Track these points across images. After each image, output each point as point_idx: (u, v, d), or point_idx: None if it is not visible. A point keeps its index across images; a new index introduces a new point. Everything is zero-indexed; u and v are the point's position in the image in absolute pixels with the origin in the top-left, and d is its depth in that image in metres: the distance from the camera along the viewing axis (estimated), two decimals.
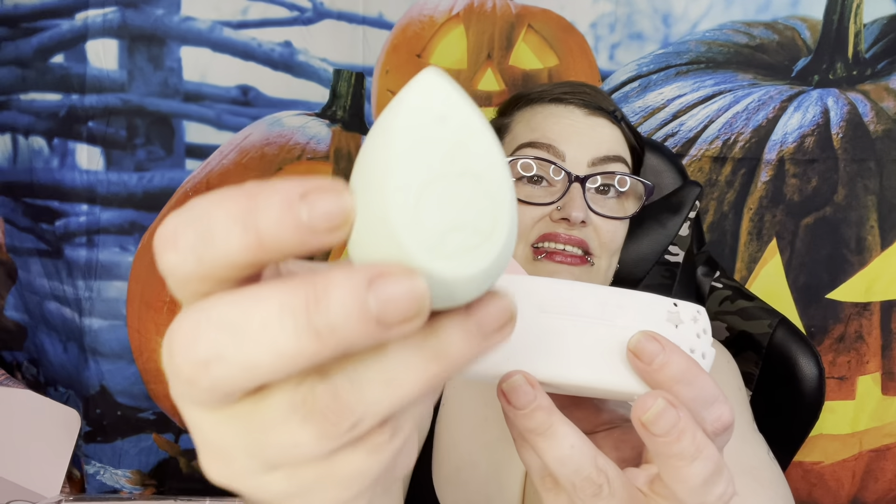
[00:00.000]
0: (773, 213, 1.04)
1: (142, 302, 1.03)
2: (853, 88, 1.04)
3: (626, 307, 0.28)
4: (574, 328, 0.28)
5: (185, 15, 1.00)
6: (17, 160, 1.04)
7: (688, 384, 0.26)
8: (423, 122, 0.18)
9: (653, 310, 0.28)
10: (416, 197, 0.18)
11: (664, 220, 0.90)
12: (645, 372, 0.27)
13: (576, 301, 0.28)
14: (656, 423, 0.25)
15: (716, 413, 0.27)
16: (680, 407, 0.25)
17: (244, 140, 1.02)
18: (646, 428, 0.25)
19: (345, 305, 0.17)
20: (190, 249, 0.18)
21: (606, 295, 0.28)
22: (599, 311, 0.28)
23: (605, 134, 0.69)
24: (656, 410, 0.25)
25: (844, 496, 1.07)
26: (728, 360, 0.73)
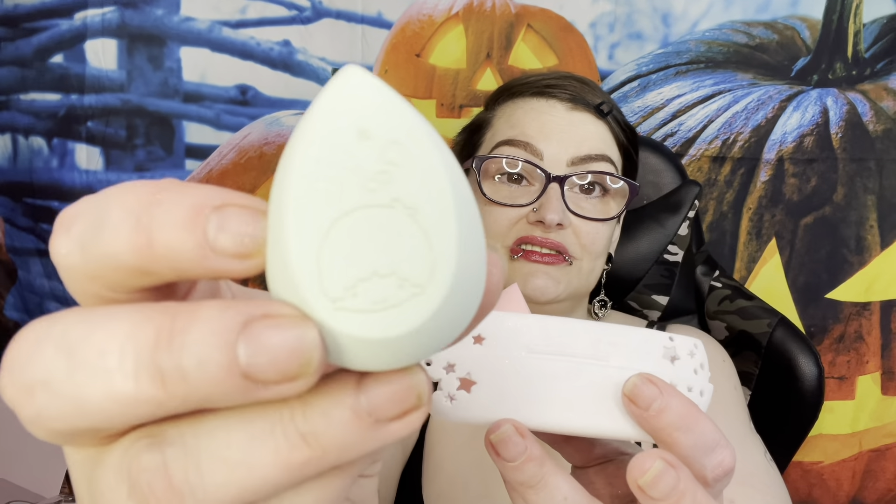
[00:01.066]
0: (773, 213, 1.03)
1: None
2: (852, 88, 1.04)
3: (621, 345, 0.26)
4: (565, 370, 0.26)
5: (184, 15, 1.00)
6: (17, 160, 1.04)
7: (687, 430, 0.25)
8: (338, 137, 0.14)
9: (649, 346, 0.27)
10: (322, 233, 0.14)
11: (663, 219, 0.89)
12: (642, 418, 0.25)
13: (567, 340, 0.26)
14: (655, 486, 0.24)
15: (717, 459, 0.26)
16: (679, 467, 0.24)
17: (243, 140, 1.02)
18: (643, 491, 0.24)
19: (204, 348, 0.13)
20: (78, 238, 0.15)
21: (599, 332, 0.27)
22: (592, 350, 0.26)
23: (587, 131, 0.65)
24: (654, 473, 0.23)
25: (844, 496, 1.07)
26: (724, 358, 0.72)
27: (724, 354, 0.73)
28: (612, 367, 0.26)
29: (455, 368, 0.26)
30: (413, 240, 0.14)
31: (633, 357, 0.27)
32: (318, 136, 0.14)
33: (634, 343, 0.27)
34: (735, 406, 0.65)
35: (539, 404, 0.26)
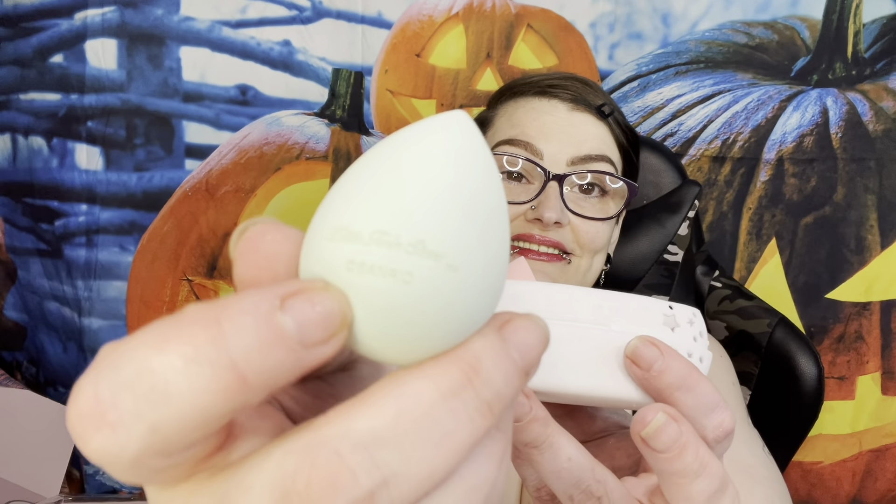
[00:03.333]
0: (773, 213, 1.03)
1: (141, 302, 1.03)
2: (852, 88, 1.04)
3: (622, 311, 0.27)
4: (569, 334, 0.26)
5: (184, 14, 1.00)
6: (17, 160, 1.04)
7: (688, 391, 0.25)
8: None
9: (649, 313, 0.27)
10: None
11: (663, 219, 0.89)
12: (643, 378, 0.26)
13: (570, 305, 0.27)
14: (657, 438, 0.24)
15: (717, 419, 0.26)
16: (681, 421, 0.24)
17: (243, 140, 1.02)
18: (646, 443, 0.24)
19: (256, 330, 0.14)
20: (134, 419, 0.13)
21: (601, 298, 0.27)
22: (594, 315, 0.27)
23: (587, 131, 0.66)
24: (656, 425, 0.24)
25: (844, 496, 1.07)
26: (721, 353, 0.72)
27: (722, 350, 0.73)
28: (613, 331, 0.26)
29: None
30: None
31: (634, 322, 0.27)
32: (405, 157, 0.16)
33: (635, 309, 0.27)
34: (733, 401, 0.66)
35: (543, 368, 0.26)
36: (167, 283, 1.02)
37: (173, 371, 0.13)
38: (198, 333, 0.14)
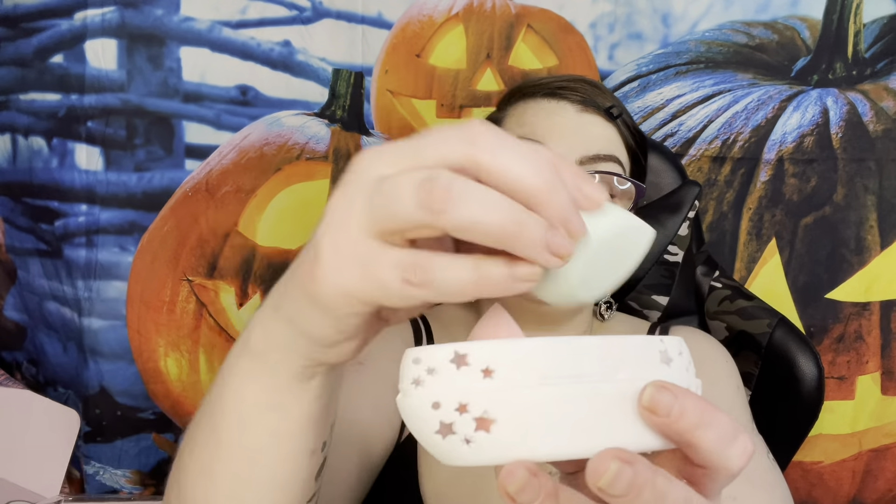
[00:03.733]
0: (773, 213, 1.04)
1: (141, 302, 1.03)
2: (852, 88, 1.04)
3: (624, 357, 0.26)
4: (581, 394, 0.25)
5: (184, 15, 1.00)
6: (17, 160, 1.04)
7: (708, 427, 0.25)
8: None
9: (647, 352, 0.27)
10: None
11: (663, 219, 0.89)
12: (663, 425, 0.25)
13: (576, 360, 0.26)
14: (613, 486, 0.24)
15: (740, 447, 0.26)
16: (635, 462, 0.24)
17: (243, 140, 1.02)
18: (604, 492, 0.24)
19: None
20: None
21: (604, 347, 0.26)
22: (599, 367, 0.26)
23: (596, 132, 0.66)
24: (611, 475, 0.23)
25: (844, 496, 1.07)
26: (727, 359, 0.72)
27: (727, 355, 0.73)
28: (622, 381, 0.26)
29: (468, 409, 0.25)
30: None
31: (637, 367, 0.26)
32: None
33: (635, 352, 0.27)
34: (738, 406, 0.66)
35: (562, 435, 0.25)
36: (167, 284, 1.02)
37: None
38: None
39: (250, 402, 0.35)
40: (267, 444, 0.36)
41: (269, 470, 0.37)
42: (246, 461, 0.37)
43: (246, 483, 0.38)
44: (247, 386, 0.35)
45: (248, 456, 0.37)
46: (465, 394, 0.25)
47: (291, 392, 0.34)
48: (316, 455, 0.38)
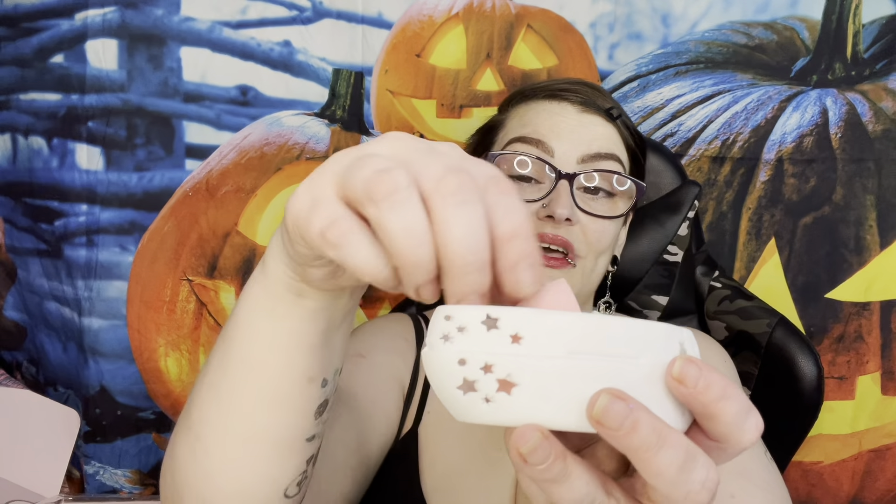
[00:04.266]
0: (772, 213, 1.04)
1: (142, 302, 1.03)
2: (852, 88, 1.04)
3: (650, 341, 0.27)
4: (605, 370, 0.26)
5: (184, 15, 1.00)
6: (17, 160, 1.04)
7: (729, 399, 0.27)
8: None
9: (670, 341, 0.28)
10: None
11: (663, 219, 0.90)
12: (690, 396, 0.27)
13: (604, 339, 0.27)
14: (606, 416, 0.25)
15: (754, 420, 0.28)
16: (628, 398, 0.25)
17: (243, 140, 1.02)
18: (600, 424, 0.25)
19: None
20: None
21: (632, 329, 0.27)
22: (626, 348, 0.27)
23: (597, 132, 0.67)
24: (602, 404, 0.25)
25: (844, 496, 1.07)
26: (725, 359, 0.73)
27: (725, 355, 0.73)
28: (645, 363, 0.27)
29: (493, 369, 0.26)
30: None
31: (660, 352, 0.27)
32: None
33: (659, 338, 0.28)
34: None
35: (580, 408, 0.26)
36: (167, 284, 1.02)
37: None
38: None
39: (251, 305, 0.39)
40: (263, 354, 0.39)
41: (265, 385, 0.39)
42: (245, 371, 0.39)
43: (245, 398, 0.40)
44: (251, 290, 0.39)
45: (246, 367, 0.39)
46: (492, 355, 0.26)
47: (284, 301, 0.37)
48: (314, 385, 0.40)
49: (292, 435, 0.41)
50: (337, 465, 0.55)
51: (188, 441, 0.42)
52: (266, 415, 0.40)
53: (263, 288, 0.38)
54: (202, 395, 0.42)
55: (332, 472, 0.55)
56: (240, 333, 0.39)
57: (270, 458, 0.41)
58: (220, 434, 0.41)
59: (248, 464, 0.41)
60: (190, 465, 0.42)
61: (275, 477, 0.42)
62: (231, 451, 0.41)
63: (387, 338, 0.69)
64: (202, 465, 0.42)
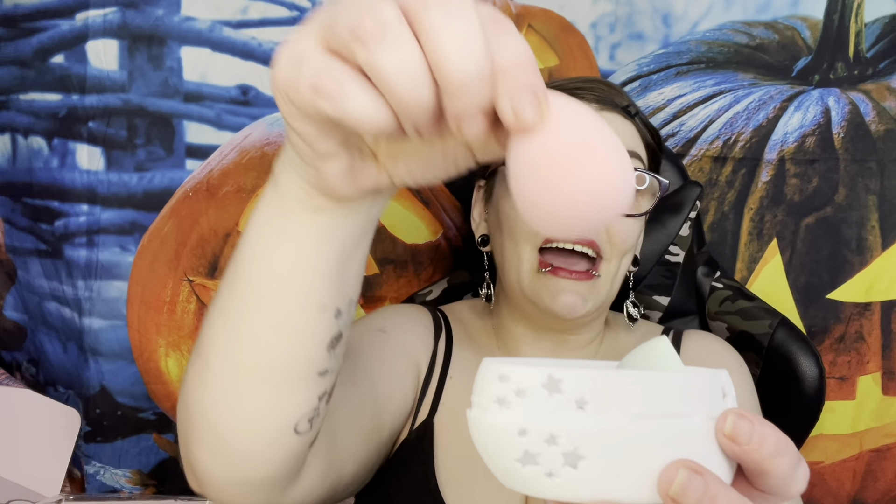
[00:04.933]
0: (774, 213, 1.03)
1: (142, 302, 1.03)
2: (854, 88, 1.04)
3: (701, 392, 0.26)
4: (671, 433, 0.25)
5: (185, 15, 0.99)
6: (17, 160, 1.04)
7: (783, 454, 0.26)
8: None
9: (713, 387, 0.27)
10: None
11: (665, 220, 0.89)
12: (743, 453, 0.26)
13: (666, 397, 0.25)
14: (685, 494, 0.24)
15: (803, 472, 0.27)
16: (704, 471, 0.24)
17: (244, 140, 1.02)
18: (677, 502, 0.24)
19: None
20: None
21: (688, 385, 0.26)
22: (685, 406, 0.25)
23: (617, 130, 0.64)
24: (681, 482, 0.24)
25: (845, 496, 1.07)
26: (741, 363, 0.72)
27: (740, 360, 0.73)
28: (699, 420, 0.26)
29: (558, 441, 0.24)
30: None
31: (711, 405, 0.26)
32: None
33: (707, 388, 0.26)
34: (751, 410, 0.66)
35: (648, 479, 0.24)
36: (168, 284, 1.02)
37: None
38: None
39: (261, 226, 0.37)
40: (273, 278, 0.38)
41: (275, 311, 0.38)
42: (254, 296, 0.39)
43: (254, 325, 0.39)
44: (261, 210, 0.37)
45: (255, 292, 0.38)
46: (558, 426, 0.24)
47: (295, 218, 0.36)
48: (326, 314, 0.39)
49: (303, 366, 0.40)
50: (353, 425, 0.55)
51: (198, 368, 0.42)
52: (276, 343, 0.39)
53: (275, 206, 0.36)
54: (212, 321, 0.41)
55: (348, 431, 0.54)
56: (249, 256, 0.38)
57: (280, 388, 0.41)
58: (229, 362, 0.40)
59: (256, 393, 0.40)
60: (200, 393, 0.42)
61: (284, 409, 0.41)
62: (240, 379, 0.40)
63: (409, 319, 0.70)
64: (211, 393, 0.41)
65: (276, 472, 0.44)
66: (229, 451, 0.43)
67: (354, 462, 0.56)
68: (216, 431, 0.42)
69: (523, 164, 0.26)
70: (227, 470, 0.44)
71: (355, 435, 0.56)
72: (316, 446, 0.48)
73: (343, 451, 0.54)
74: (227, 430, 0.42)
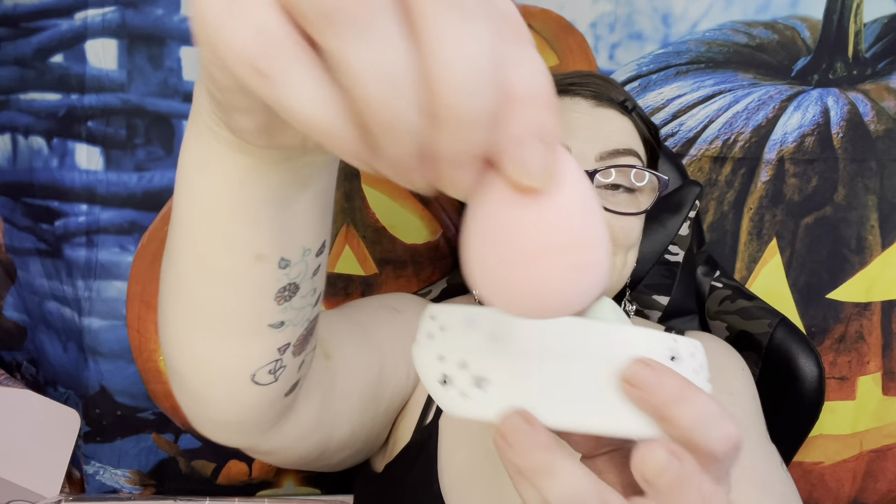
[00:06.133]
0: (774, 213, 1.03)
1: (142, 302, 1.03)
2: (853, 88, 1.04)
3: (628, 345, 0.27)
4: (579, 370, 0.27)
5: (184, 15, 1.00)
6: (17, 160, 1.04)
7: (686, 403, 0.25)
8: None
9: (657, 348, 0.28)
10: None
11: (664, 219, 0.89)
12: (642, 399, 0.26)
13: (580, 341, 0.27)
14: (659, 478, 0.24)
15: (722, 431, 0.26)
16: (682, 456, 0.24)
17: None
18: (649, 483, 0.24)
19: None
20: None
21: (610, 334, 0.28)
22: (603, 350, 0.27)
23: (613, 126, 0.65)
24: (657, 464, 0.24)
25: (845, 497, 1.07)
26: (742, 367, 0.72)
27: (743, 364, 0.73)
28: (620, 365, 0.27)
29: (469, 366, 0.28)
30: None
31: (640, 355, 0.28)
32: None
33: (641, 343, 0.28)
34: (754, 415, 0.65)
35: (553, 405, 0.27)
36: None
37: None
38: None
39: (186, 159, 0.33)
40: (198, 220, 0.33)
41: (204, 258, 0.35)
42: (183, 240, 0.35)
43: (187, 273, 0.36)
44: (186, 142, 0.33)
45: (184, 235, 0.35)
46: (469, 354, 0.28)
47: (214, 153, 0.31)
48: (266, 264, 0.35)
49: (246, 318, 0.37)
50: (354, 386, 0.55)
51: (160, 310, 0.41)
52: (212, 293, 0.36)
53: (195, 133, 0.31)
54: (163, 264, 0.39)
55: (348, 389, 0.54)
56: (177, 193, 0.34)
57: (227, 339, 0.39)
58: (172, 312, 0.39)
59: (204, 341, 0.39)
60: (161, 334, 0.42)
61: (237, 358, 0.40)
62: (186, 327, 0.39)
63: (422, 305, 0.69)
64: (168, 337, 0.41)
65: (241, 418, 0.43)
66: (189, 393, 0.43)
67: (349, 424, 0.56)
68: (177, 372, 0.42)
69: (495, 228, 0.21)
70: (193, 409, 0.44)
71: (355, 397, 0.55)
72: (307, 397, 0.47)
73: (339, 410, 0.53)
74: (183, 373, 0.42)
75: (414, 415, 0.66)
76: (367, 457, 0.68)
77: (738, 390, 0.67)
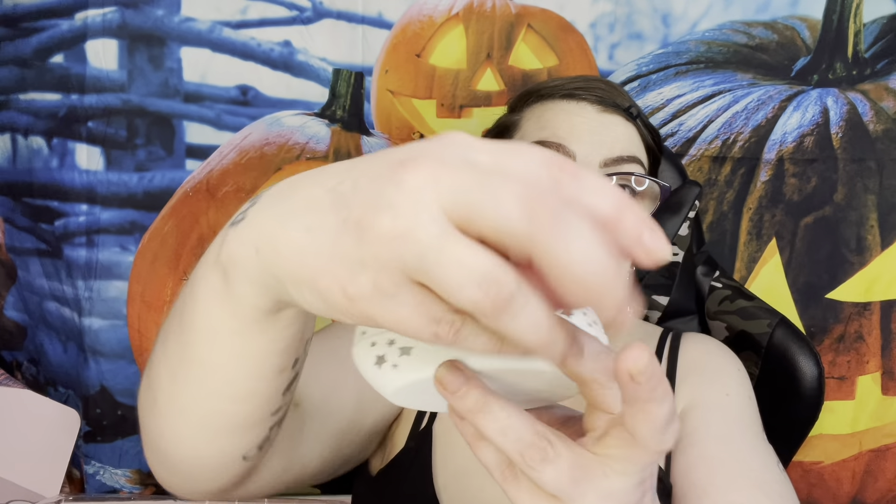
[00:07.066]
0: (773, 213, 1.04)
1: (142, 302, 1.03)
2: (853, 88, 1.04)
3: None
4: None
5: (184, 15, 1.00)
6: (17, 160, 1.04)
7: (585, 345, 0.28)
8: None
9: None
10: None
11: (664, 219, 0.89)
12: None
13: None
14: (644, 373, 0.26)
15: (603, 363, 0.29)
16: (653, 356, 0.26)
17: (243, 140, 1.02)
18: (633, 379, 0.26)
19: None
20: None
21: None
22: None
23: (618, 132, 0.65)
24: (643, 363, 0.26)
25: (844, 496, 1.07)
26: (739, 367, 0.72)
27: (739, 364, 0.73)
28: None
29: (396, 342, 0.30)
30: None
31: None
32: None
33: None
34: (750, 415, 0.65)
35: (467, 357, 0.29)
36: (168, 284, 1.02)
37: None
38: None
39: (216, 323, 0.34)
40: (231, 363, 0.35)
41: (233, 384, 0.36)
42: (210, 374, 0.36)
43: (210, 392, 0.37)
44: (214, 307, 0.33)
45: (212, 369, 0.36)
46: (395, 333, 0.30)
47: (257, 324, 0.33)
48: (285, 373, 0.37)
49: (256, 416, 0.39)
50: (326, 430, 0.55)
51: (148, 396, 0.40)
52: (227, 406, 0.38)
53: (229, 310, 0.32)
54: (162, 376, 0.39)
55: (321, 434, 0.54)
56: (203, 340, 0.35)
57: (232, 435, 0.39)
58: (176, 412, 0.39)
59: (203, 439, 0.39)
60: (149, 417, 0.41)
61: (235, 448, 0.41)
62: (185, 428, 0.39)
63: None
64: (158, 425, 0.40)
65: (223, 486, 0.44)
66: (173, 472, 0.43)
67: (321, 460, 0.56)
68: (161, 451, 0.42)
69: None
70: (172, 482, 0.44)
71: (325, 435, 0.55)
72: (275, 448, 0.47)
73: (309, 450, 0.53)
74: (173, 458, 0.41)
75: (408, 421, 0.66)
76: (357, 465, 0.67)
77: (735, 391, 0.67)
